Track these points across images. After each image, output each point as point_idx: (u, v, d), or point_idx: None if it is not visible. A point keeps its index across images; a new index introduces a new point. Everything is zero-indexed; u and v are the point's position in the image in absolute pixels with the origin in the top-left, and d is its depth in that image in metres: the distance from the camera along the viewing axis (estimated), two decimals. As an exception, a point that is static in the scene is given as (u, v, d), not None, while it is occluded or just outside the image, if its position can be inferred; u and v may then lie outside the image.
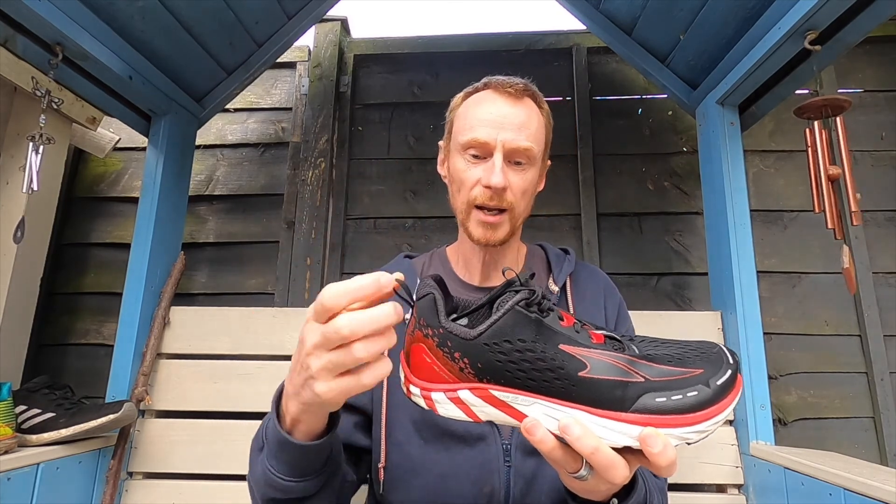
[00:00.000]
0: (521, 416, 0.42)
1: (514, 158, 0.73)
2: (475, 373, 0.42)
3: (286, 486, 0.53)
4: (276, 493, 0.54)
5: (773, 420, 1.23)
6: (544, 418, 0.42)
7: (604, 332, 0.45)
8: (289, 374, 0.49)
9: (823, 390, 1.46)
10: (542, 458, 0.48)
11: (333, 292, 0.42)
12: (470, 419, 0.44)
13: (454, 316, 0.48)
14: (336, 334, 0.41)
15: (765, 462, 1.01)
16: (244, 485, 1.12)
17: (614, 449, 0.41)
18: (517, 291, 0.43)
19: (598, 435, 0.40)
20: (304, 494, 0.55)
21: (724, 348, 0.45)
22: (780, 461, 0.96)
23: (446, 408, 0.44)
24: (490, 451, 0.69)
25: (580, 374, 0.40)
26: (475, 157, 0.74)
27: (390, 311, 0.41)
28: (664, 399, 0.40)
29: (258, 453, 0.57)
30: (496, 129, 0.72)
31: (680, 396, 0.40)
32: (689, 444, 0.41)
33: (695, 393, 0.40)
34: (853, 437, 1.43)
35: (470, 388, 0.42)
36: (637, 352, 0.43)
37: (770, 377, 1.16)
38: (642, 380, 0.40)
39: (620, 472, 0.41)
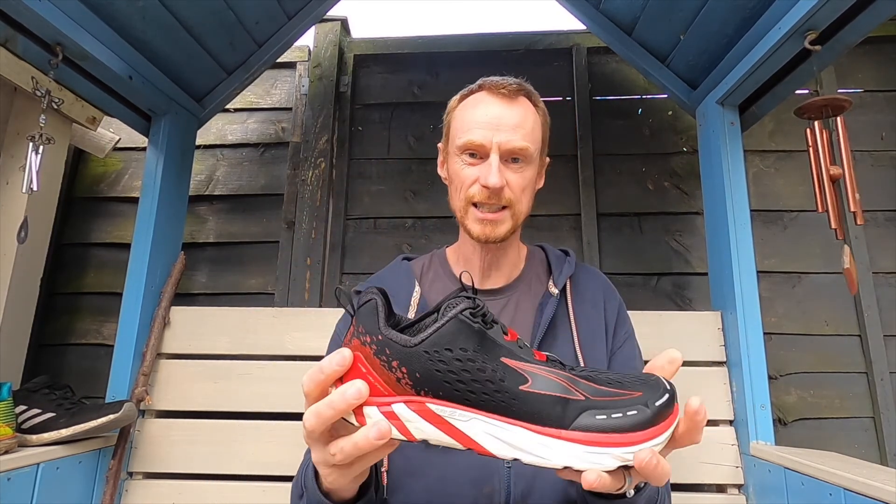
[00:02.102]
0: (458, 433, 0.40)
1: (510, 157, 0.74)
2: (412, 383, 0.40)
3: None
4: None
5: (773, 420, 1.23)
6: (483, 435, 0.40)
7: (546, 353, 0.44)
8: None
9: (823, 390, 1.46)
10: None
11: (305, 381, 0.42)
12: (404, 438, 0.41)
13: (400, 327, 0.46)
14: (313, 431, 0.42)
15: (765, 462, 1.01)
16: (244, 485, 1.14)
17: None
18: (465, 299, 0.42)
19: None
20: None
21: (662, 378, 0.44)
22: (780, 461, 0.96)
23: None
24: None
25: (521, 388, 0.39)
26: (472, 156, 0.75)
27: (335, 365, 0.41)
28: (604, 417, 0.39)
29: (298, 500, 0.60)
30: (491, 131, 0.72)
31: (620, 415, 0.39)
32: (627, 467, 0.40)
33: (634, 412, 0.39)
34: (853, 437, 1.43)
35: (405, 402, 0.40)
36: (578, 372, 0.43)
37: (770, 377, 1.15)
38: (583, 398, 0.40)
39: (665, 472, 0.40)
